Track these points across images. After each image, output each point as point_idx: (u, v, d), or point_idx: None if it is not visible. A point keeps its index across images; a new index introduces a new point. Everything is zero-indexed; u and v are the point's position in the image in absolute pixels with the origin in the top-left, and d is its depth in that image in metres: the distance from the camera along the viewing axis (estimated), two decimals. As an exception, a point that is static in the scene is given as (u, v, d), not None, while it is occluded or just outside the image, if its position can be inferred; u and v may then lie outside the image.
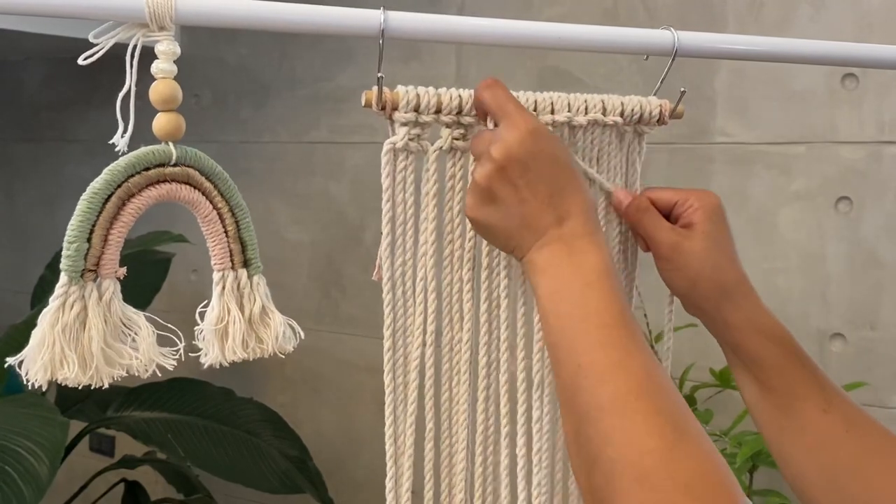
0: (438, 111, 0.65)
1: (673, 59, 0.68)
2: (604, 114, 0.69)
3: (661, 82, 0.71)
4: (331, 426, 1.91)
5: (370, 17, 0.61)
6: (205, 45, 1.96)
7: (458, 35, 0.65)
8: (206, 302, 0.65)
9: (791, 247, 1.43)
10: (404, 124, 0.64)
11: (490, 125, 0.64)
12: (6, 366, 0.59)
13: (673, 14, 1.49)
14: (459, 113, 0.65)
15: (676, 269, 0.69)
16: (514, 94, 0.65)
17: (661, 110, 0.71)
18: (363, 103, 0.63)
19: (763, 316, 0.69)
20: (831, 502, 0.65)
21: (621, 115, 0.70)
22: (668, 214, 0.71)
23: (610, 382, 0.54)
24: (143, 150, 0.60)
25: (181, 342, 0.62)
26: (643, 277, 0.76)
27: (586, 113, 0.68)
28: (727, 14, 1.46)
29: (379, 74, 0.62)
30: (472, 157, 0.66)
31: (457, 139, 0.66)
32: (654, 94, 0.73)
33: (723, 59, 1.37)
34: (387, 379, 0.67)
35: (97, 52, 0.58)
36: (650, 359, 0.56)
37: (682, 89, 0.70)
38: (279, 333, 0.65)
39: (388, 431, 0.67)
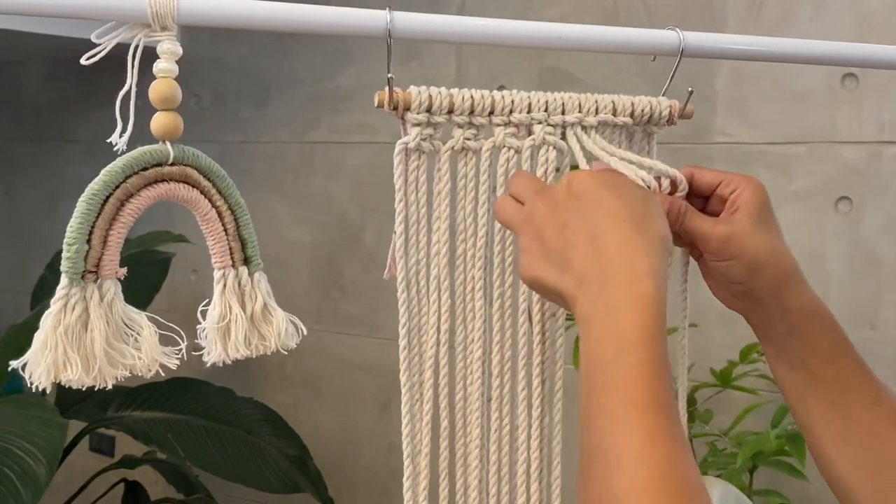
0: (451, 111, 0.64)
1: (679, 60, 0.68)
2: (614, 114, 0.68)
3: (670, 82, 0.70)
4: (331, 426, 1.90)
5: (376, 18, 0.60)
6: (205, 44, 1.96)
7: (464, 35, 0.65)
8: (207, 300, 0.65)
9: (791, 247, 1.42)
10: (417, 125, 0.64)
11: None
12: (9, 369, 0.59)
13: (672, 14, 1.49)
14: (472, 113, 0.65)
15: (733, 258, 0.65)
16: (518, 93, 0.65)
17: (670, 111, 0.71)
18: (375, 104, 0.63)
19: (819, 302, 0.68)
20: (871, 499, 0.63)
21: (631, 115, 0.69)
22: (708, 197, 0.68)
23: (626, 475, 0.48)
24: (140, 150, 0.60)
25: (183, 342, 0.62)
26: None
27: (597, 113, 0.68)
28: (727, 14, 1.46)
29: (389, 75, 0.62)
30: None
31: (468, 139, 0.66)
32: (663, 95, 0.72)
33: (725, 60, 1.37)
34: (403, 378, 0.66)
35: (99, 52, 0.58)
36: (677, 446, 0.50)
37: (690, 89, 0.70)
38: (282, 330, 0.65)
39: (405, 430, 0.66)
